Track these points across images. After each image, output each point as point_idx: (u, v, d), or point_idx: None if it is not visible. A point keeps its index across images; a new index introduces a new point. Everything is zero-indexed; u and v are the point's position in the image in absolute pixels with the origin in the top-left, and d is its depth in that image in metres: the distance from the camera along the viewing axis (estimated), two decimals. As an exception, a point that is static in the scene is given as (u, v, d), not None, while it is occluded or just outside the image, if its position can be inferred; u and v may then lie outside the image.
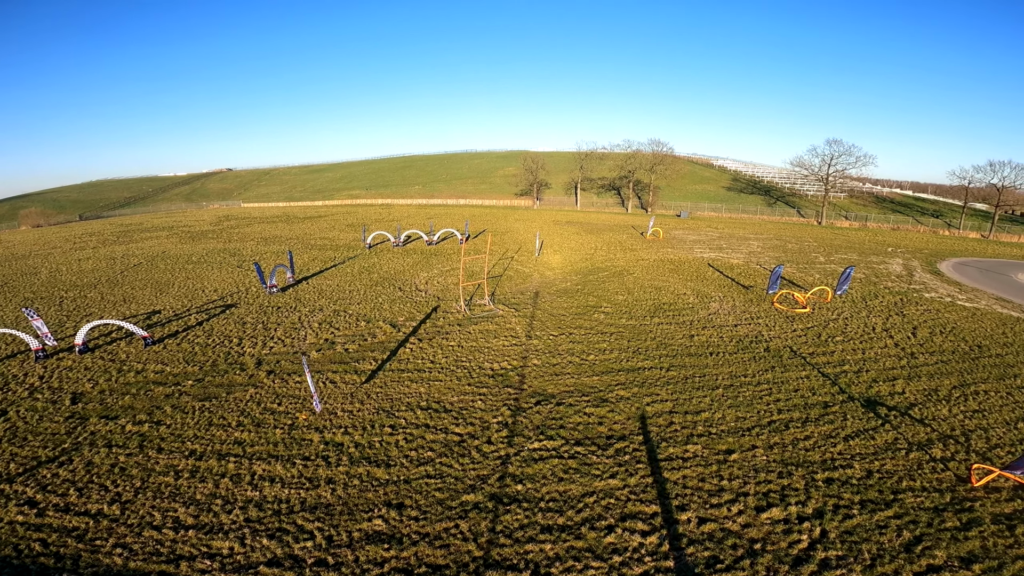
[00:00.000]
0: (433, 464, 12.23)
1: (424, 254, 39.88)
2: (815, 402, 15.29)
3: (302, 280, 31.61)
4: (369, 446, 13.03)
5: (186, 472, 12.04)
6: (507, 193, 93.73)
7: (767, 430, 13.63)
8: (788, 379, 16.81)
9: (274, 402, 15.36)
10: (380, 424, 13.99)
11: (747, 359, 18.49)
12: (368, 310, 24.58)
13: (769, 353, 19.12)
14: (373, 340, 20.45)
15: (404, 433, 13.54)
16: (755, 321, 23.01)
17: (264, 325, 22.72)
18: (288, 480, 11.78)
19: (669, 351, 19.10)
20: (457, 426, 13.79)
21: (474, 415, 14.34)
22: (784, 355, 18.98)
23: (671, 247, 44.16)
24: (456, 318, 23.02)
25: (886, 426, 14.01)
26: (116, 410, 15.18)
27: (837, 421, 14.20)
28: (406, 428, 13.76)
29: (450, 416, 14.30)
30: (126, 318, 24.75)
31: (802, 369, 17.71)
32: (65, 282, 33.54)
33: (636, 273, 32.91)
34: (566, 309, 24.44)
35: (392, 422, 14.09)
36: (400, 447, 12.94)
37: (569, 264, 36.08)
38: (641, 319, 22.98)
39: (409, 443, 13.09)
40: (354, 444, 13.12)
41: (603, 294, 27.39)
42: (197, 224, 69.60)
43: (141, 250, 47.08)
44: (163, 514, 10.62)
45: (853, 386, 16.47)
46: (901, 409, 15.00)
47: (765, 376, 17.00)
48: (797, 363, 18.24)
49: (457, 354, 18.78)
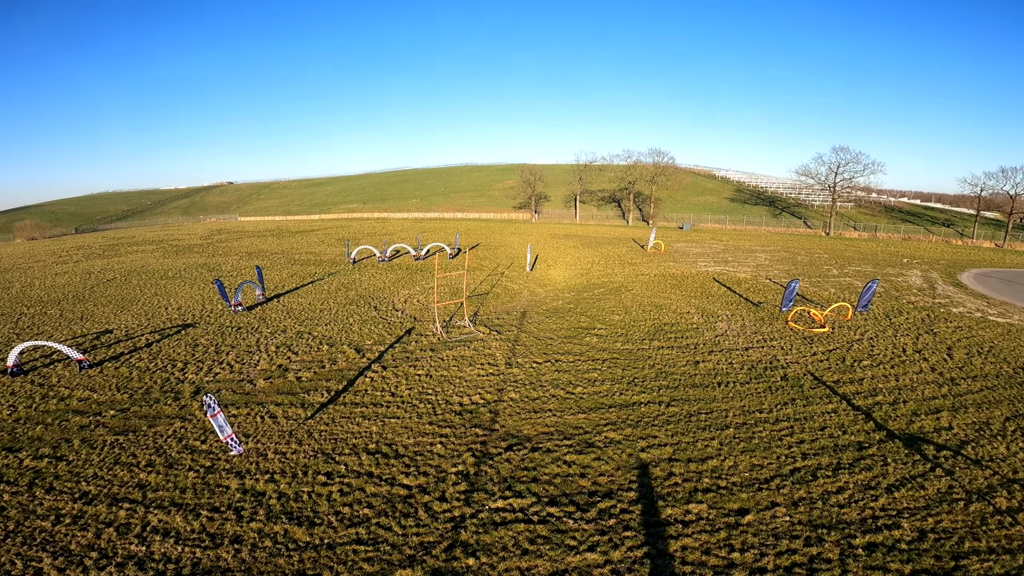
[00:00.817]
0: (368, 526, 9.76)
1: (409, 270, 37.64)
2: (847, 443, 12.74)
3: (274, 297, 29.36)
4: (295, 498, 10.62)
5: (68, 517, 10.17)
6: (505, 207, 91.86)
7: (790, 481, 11.08)
8: (812, 414, 14.24)
9: (198, 439, 12.97)
10: (315, 471, 11.55)
11: (762, 390, 15.92)
12: (335, 332, 22.21)
13: (787, 382, 16.56)
14: (332, 367, 18.05)
15: (341, 483, 11.09)
16: (769, 343, 20.47)
17: (217, 348, 20.39)
18: (185, 535, 9.64)
19: (670, 381, 16.55)
20: (407, 476, 11.31)
21: (430, 462, 11.84)
22: (805, 384, 16.41)
23: (673, 261, 41.74)
24: (430, 342, 20.61)
25: (936, 471, 11.48)
26: (22, 441, 13.30)
27: (876, 467, 11.67)
28: (345, 477, 11.30)
29: (401, 463, 11.82)
30: (75, 338, 22.54)
31: (828, 401, 15.14)
32: (32, 298, 31.54)
33: (635, 290, 30.46)
34: (555, 331, 21.98)
35: (330, 468, 11.64)
36: (332, 501, 10.50)
37: (563, 280, 33.69)
38: (639, 343, 20.47)
39: (344, 496, 10.65)
40: (277, 495, 10.73)
41: (597, 314, 24.93)
42: (187, 238, 67.94)
43: (121, 264, 45.19)
44: (25, 563, 8.94)
45: (891, 421, 13.93)
46: (951, 448, 12.47)
47: (784, 411, 14.43)
48: (821, 394, 15.67)
49: (423, 385, 16.33)
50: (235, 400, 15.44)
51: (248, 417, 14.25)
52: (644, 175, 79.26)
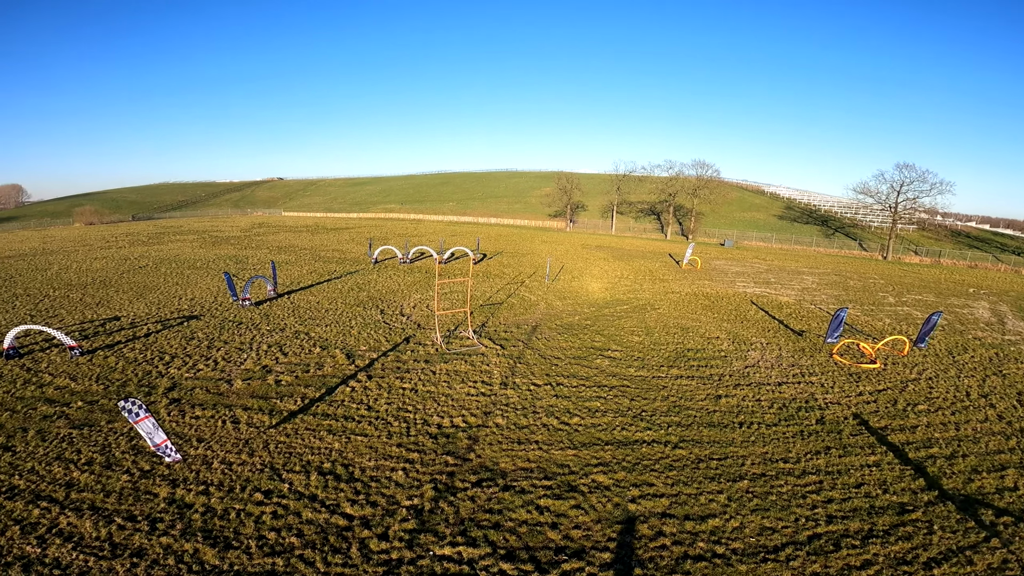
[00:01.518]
0: (288, 557, 8.44)
1: (428, 273, 36.64)
2: (886, 504, 10.45)
3: (286, 294, 28.91)
4: (222, 515, 9.47)
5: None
6: (541, 214, 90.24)
7: (804, 551, 8.97)
8: (848, 467, 11.91)
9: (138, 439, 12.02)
10: (255, 487, 10.34)
11: (790, 434, 13.62)
12: (332, 334, 21.24)
13: (824, 426, 14.16)
14: (317, 372, 16.97)
15: (277, 505, 9.81)
16: (807, 378, 17.94)
17: (210, 343, 19.78)
18: (88, 542, 8.76)
19: (683, 418, 14.46)
20: (353, 505, 9.89)
21: (384, 491, 10.38)
22: (845, 429, 13.98)
23: (709, 279, 38.94)
24: (426, 353, 19.25)
25: (992, 541, 9.16)
26: (-19, 430, 12.67)
27: (918, 535, 9.47)
28: (284, 498, 10.01)
29: (351, 489, 10.41)
30: (84, 323, 22.62)
31: (870, 451, 12.73)
32: (62, 280, 32.50)
33: (662, 308, 28.17)
34: (564, 350, 20.17)
35: (272, 486, 10.39)
36: (260, 524, 9.26)
37: (585, 294, 31.75)
38: (655, 369, 18.38)
39: (275, 520, 9.38)
40: (204, 509, 9.63)
41: (615, 333, 22.92)
42: (229, 230, 69.98)
43: (158, 253, 46.55)
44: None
45: (945, 478, 11.49)
46: (1014, 513, 10.02)
47: (814, 462, 12.15)
48: (863, 442, 13.24)
49: (405, 400, 14.92)
50: (204, 401, 14.54)
51: (210, 420, 13.28)
52: (686, 187, 75.83)
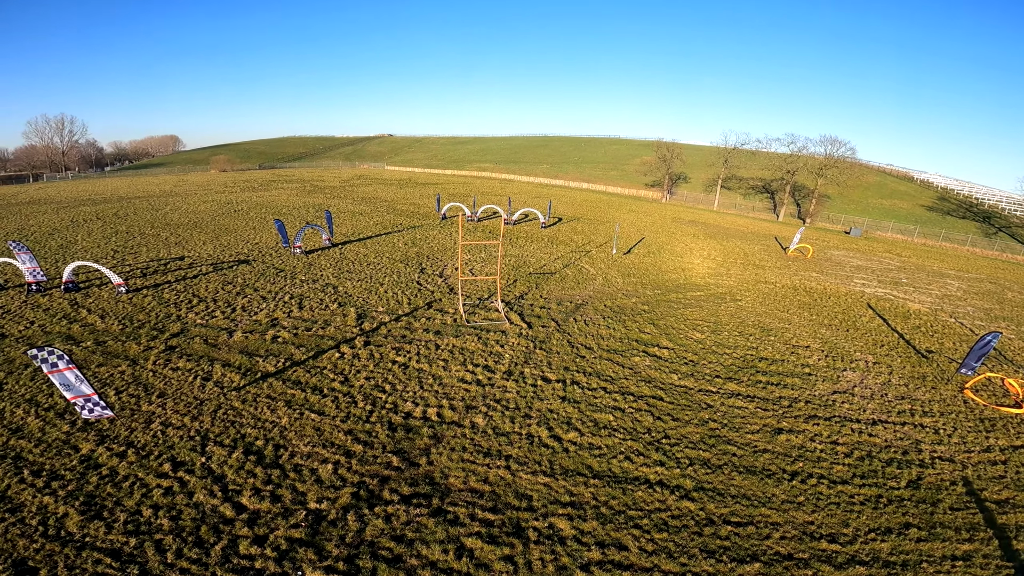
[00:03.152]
0: (143, 540, 7.44)
1: (492, 233, 34.68)
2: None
3: (340, 244, 28.80)
4: (119, 482, 8.80)
5: None
6: (637, 183, 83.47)
7: None
8: (923, 557, 8.10)
9: (120, 389, 11.73)
10: (170, 457, 9.42)
11: (860, 500, 9.81)
12: (358, 291, 20.28)
13: (915, 493, 10.09)
14: (318, 330, 15.98)
15: (178, 480, 8.78)
16: (916, 419, 13.34)
17: (240, 290, 19.84)
18: None
19: (716, 455, 11.12)
20: (255, 496, 8.56)
21: (298, 485, 8.87)
22: (945, 500, 9.85)
23: (819, 271, 32.39)
24: (442, 322, 17.43)
25: None
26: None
27: None
28: (191, 474, 8.96)
29: (266, 476, 9.06)
30: (151, 261, 24.18)
31: (965, 537, 8.71)
32: (162, 221, 35.70)
33: (744, 301, 23.52)
34: (600, 339, 17.18)
35: (188, 459, 9.42)
36: (146, 498, 8.34)
37: (656, 272, 27.74)
38: (706, 379, 14.82)
39: (164, 497, 8.48)
40: (108, 473, 9.08)
41: (672, 325, 19.27)
42: (330, 180, 73.83)
43: (259, 199, 49.99)
44: None
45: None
46: None
47: (875, 546, 8.49)
48: (962, 522, 9.17)
49: (388, 377, 13.27)
50: (195, 352, 14.16)
51: (185, 374, 12.76)
52: (810, 165, 64.79)
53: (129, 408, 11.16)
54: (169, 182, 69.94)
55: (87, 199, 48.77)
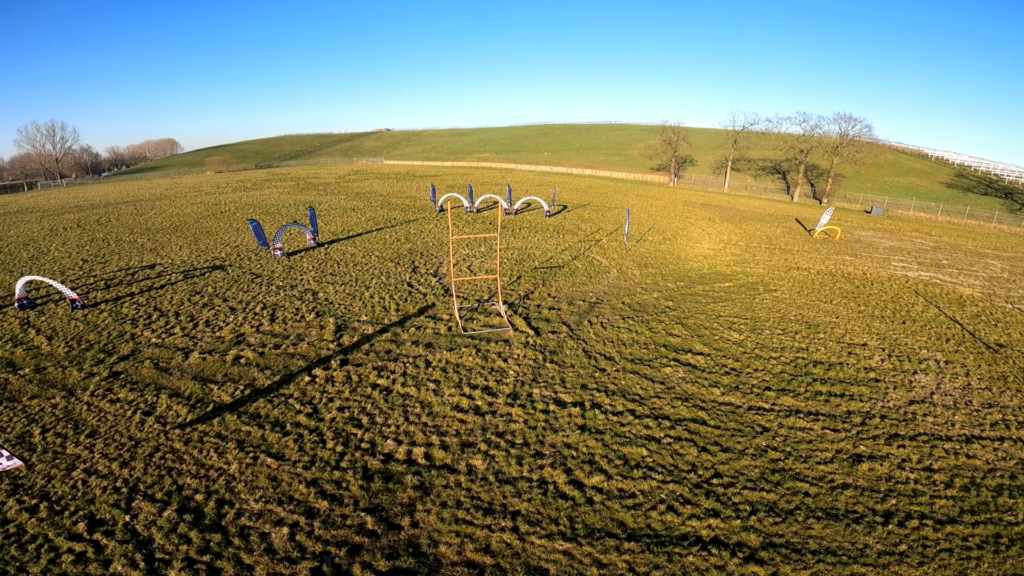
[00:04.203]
0: None
1: (493, 225, 32.16)
2: None
3: (327, 243, 26.41)
4: (21, 545, 6.56)
5: None
6: (642, 168, 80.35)
7: None
8: None
9: (53, 425, 9.42)
10: (87, 515, 7.18)
11: (976, 542, 7.36)
12: (340, 297, 17.90)
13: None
14: (290, 348, 13.61)
15: (90, 544, 6.40)
16: (1012, 431, 10.83)
17: (209, 301, 17.54)
18: None
19: (783, 494, 8.67)
20: (184, 570, 6.14)
21: (243, 556, 6.59)
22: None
23: (852, 254, 29.65)
24: (434, 332, 15.00)
25: None
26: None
27: None
28: (109, 537, 6.67)
29: (202, 542, 6.76)
30: (119, 271, 21.97)
31: None
32: (143, 225, 33.61)
33: (780, 291, 20.90)
34: (622, 345, 14.70)
35: (108, 517, 7.14)
36: (48, 569, 5.90)
37: (675, 261, 25.14)
38: (755, 393, 12.32)
39: (76, 566, 5.97)
40: (15, 532, 6.63)
41: (704, 324, 16.73)
42: (325, 177, 71.40)
43: (248, 199, 47.79)
44: None
45: None
46: None
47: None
48: None
49: (366, 406, 10.90)
50: (142, 379, 11.88)
51: (125, 408, 10.53)
52: (824, 144, 61.76)
53: (52, 450, 8.90)
54: (161, 185, 67.88)
55: (74, 206, 46.94)
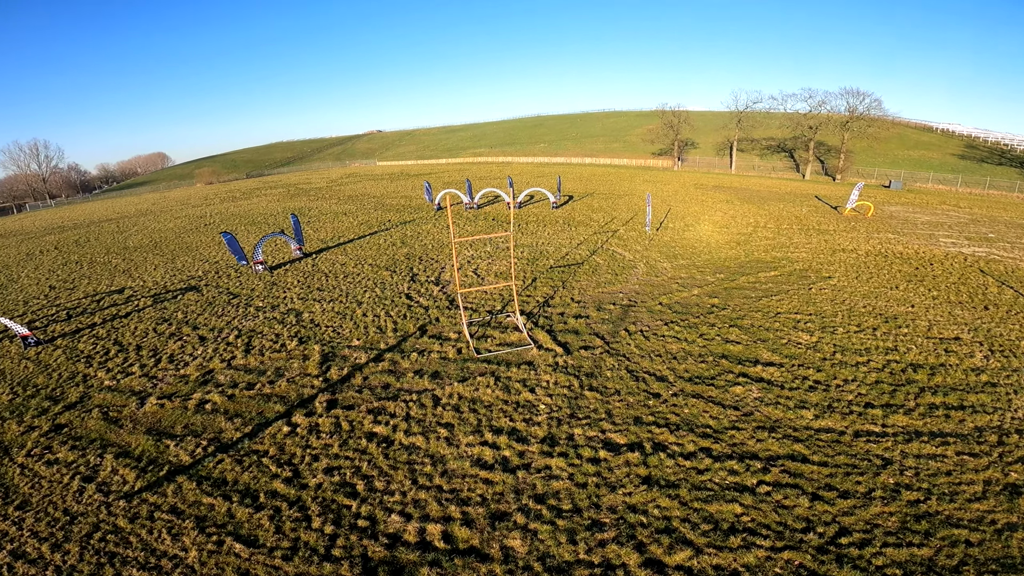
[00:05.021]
0: None
1: (496, 221, 29.56)
2: None
3: (316, 252, 23.86)
4: None
5: None
6: (643, 153, 77.47)
7: None
8: None
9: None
10: None
11: None
12: (328, 317, 15.35)
13: None
14: (266, 388, 11.09)
15: None
16: None
17: (176, 330, 15.05)
18: None
19: (942, 548, 6.15)
20: None
21: None
22: None
23: (892, 231, 27.01)
24: (442, 356, 12.46)
25: None
26: None
27: None
28: None
29: None
30: (85, 297, 19.52)
31: None
32: (120, 245, 31.30)
33: (836, 278, 18.26)
34: (673, 359, 12.11)
35: None
36: None
37: (705, 250, 22.52)
38: (858, 412, 9.74)
39: None
40: None
41: (763, 324, 14.12)
42: (317, 182, 68.72)
43: (236, 209, 45.33)
44: None
45: None
46: None
47: None
48: None
49: (362, 464, 8.38)
50: (88, 432, 9.50)
51: (63, 471, 8.15)
52: (833, 120, 59.31)
53: None
54: (149, 200, 65.43)
55: (57, 227, 44.77)
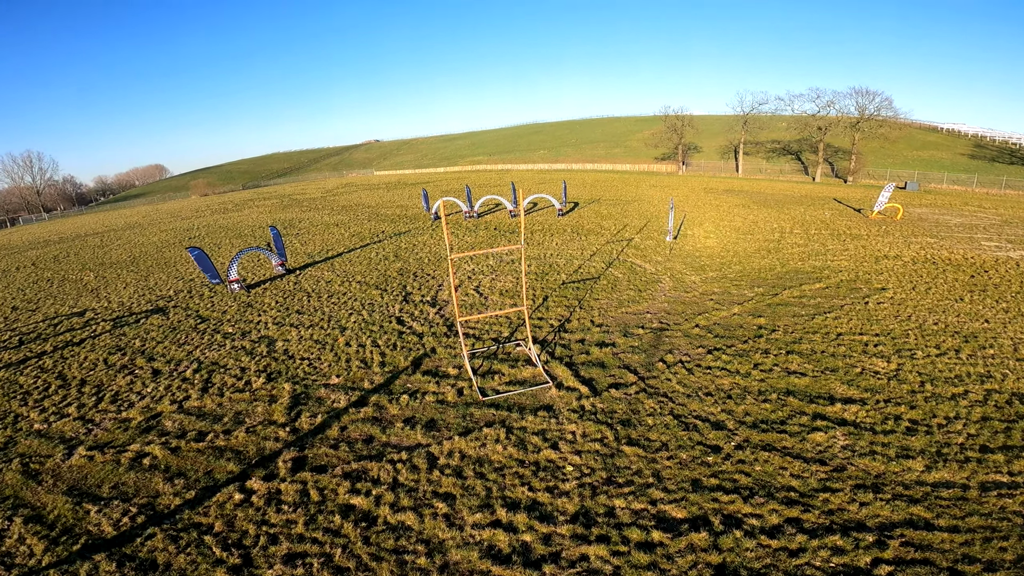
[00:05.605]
0: None
1: (498, 230, 27.43)
2: None
3: (301, 268, 21.71)
4: None
5: None
6: (645, 157, 75.63)
7: None
8: None
9: None
10: None
11: None
12: (304, 347, 13.15)
13: None
14: (218, 439, 8.88)
15: None
16: None
17: (129, 361, 12.85)
18: None
19: None
20: None
21: None
22: None
23: (929, 235, 24.86)
24: (439, 397, 10.24)
25: None
26: None
27: None
28: None
29: None
30: (44, 320, 17.37)
31: None
32: (99, 260, 29.37)
33: (891, 290, 16.03)
34: (729, 399, 9.86)
35: None
36: None
37: (735, 259, 20.34)
38: (979, 459, 7.55)
39: None
40: None
41: (825, 349, 11.87)
42: (312, 192, 66.83)
43: (224, 221, 43.37)
44: None
45: None
46: None
47: None
48: None
49: (334, 551, 6.12)
50: None
51: None
52: (843, 121, 57.48)
53: None
54: (140, 213, 63.55)
55: (43, 241, 42.92)
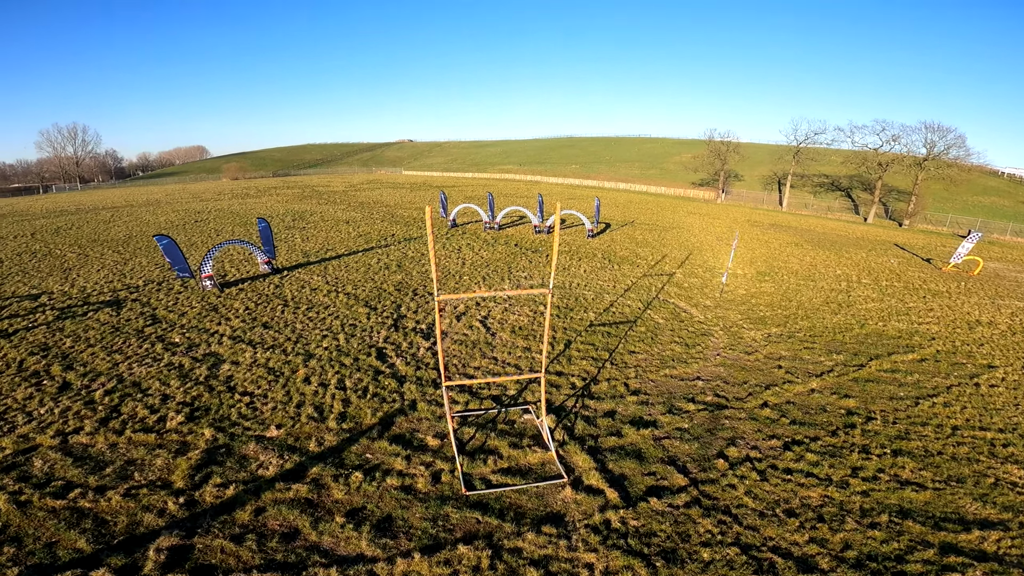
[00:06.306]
0: None
1: (520, 247, 24.56)
2: None
3: (289, 268, 19.16)
4: None
5: None
6: (682, 182, 72.14)
7: None
8: None
9: None
10: None
11: None
12: (252, 377, 10.39)
13: None
14: (81, 499, 6.08)
15: None
16: None
17: (42, 369, 10.29)
18: None
19: None
20: None
21: None
22: None
23: (1013, 296, 21.08)
24: (407, 482, 7.35)
25: None
26: None
27: None
28: None
29: None
30: (7, 300, 15.16)
31: None
32: (94, 236, 27.49)
33: (1001, 368, 12.58)
34: (822, 523, 6.77)
35: None
36: None
37: (801, 312, 16.97)
38: None
39: None
40: None
41: (940, 448, 8.66)
42: (335, 185, 65.27)
43: (240, 207, 41.73)
44: None
45: None
46: None
47: None
48: None
49: None
50: None
51: None
52: (906, 159, 52.57)
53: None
54: (165, 191, 62.86)
55: (58, 211, 41.81)
